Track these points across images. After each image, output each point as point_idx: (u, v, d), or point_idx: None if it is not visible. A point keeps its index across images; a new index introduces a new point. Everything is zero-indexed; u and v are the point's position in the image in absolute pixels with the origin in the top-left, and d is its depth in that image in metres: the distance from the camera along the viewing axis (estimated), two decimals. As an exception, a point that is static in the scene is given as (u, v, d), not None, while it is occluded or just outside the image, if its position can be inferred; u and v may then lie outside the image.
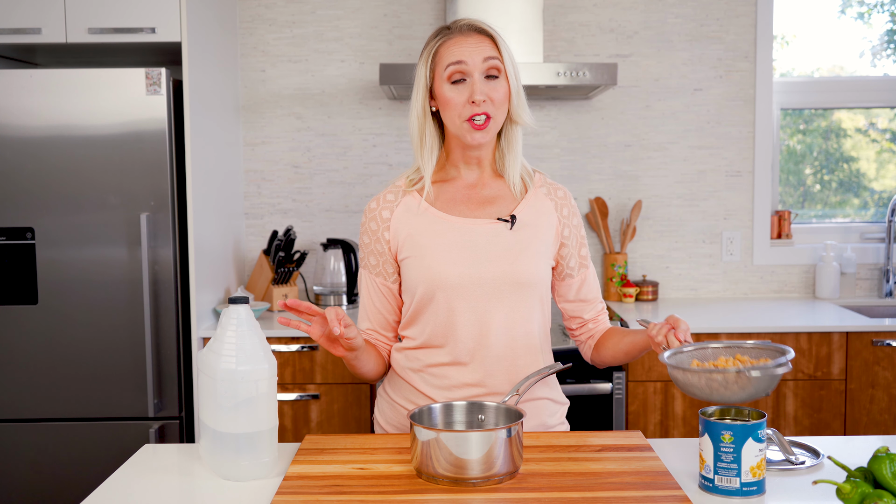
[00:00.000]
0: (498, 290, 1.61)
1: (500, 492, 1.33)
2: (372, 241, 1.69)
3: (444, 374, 1.65)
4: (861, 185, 3.56)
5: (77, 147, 2.65)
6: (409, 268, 1.64)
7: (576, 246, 1.71)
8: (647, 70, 3.34)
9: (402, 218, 1.66)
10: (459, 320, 1.61)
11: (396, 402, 1.71)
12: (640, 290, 3.28)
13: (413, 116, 1.64)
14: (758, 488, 1.33)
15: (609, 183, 3.37)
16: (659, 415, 2.80)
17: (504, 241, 1.62)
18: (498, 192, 1.68)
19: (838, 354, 2.80)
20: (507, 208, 1.66)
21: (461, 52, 1.58)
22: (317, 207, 3.38)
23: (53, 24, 2.69)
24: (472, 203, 1.66)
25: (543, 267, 1.65)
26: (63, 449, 2.71)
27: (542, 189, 1.70)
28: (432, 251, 1.61)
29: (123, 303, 2.68)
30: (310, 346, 2.78)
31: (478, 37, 1.60)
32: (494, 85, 1.59)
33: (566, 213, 1.70)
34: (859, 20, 3.55)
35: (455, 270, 1.60)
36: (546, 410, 1.72)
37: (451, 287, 1.60)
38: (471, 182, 1.68)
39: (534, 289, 1.63)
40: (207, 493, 1.40)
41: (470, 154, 1.66)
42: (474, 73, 1.58)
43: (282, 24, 3.32)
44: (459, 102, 1.58)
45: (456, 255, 1.61)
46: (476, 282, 1.60)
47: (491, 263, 1.61)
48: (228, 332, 1.43)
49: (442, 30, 1.64)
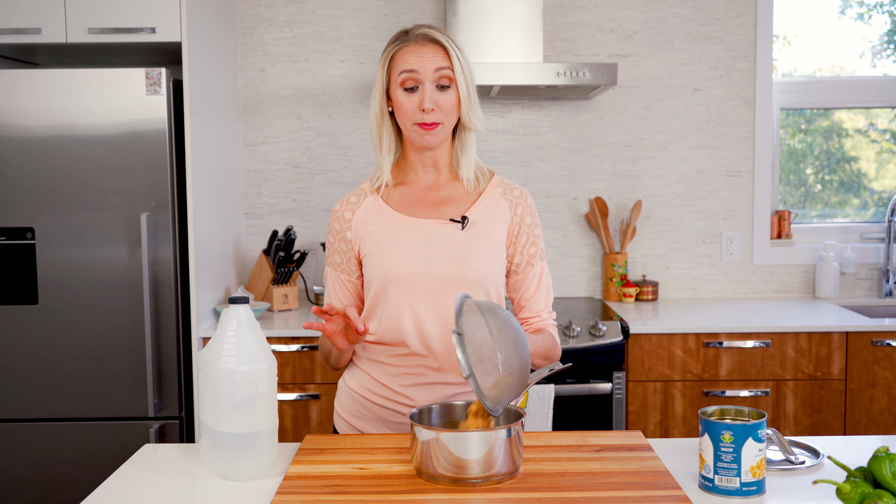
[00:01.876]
0: (445, 287, 1.67)
1: (499, 492, 1.33)
2: (336, 240, 1.77)
3: (396, 362, 1.71)
4: (861, 185, 3.56)
5: (77, 147, 2.65)
6: (366, 265, 1.73)
7: (524, 245, 1.75)
8: (647, 70, 3.34)
9: (362, 219, 1.74)
10: (409, 314, 1.68)
11: (353, 391, 1.78)
12: (640, 290, 3.28)
13: (371, 115, 1.74)
14: (758, 488, 1.33)
15: (609, 183, 3.37)
16: (659, 415, 2.80)
17: (455, 241, 1.69)
18: (453, 194, 1.75)
19: (838, 354, 2.80)
20: (461, 209, 1.73)
21: (414, 61, 1.66)
22: (317, 207, 3.38)
23: (53, 24, 2.69)
24: (427, 204, 1.74)
25: (492, 265, 1.71)
26: (63, 449, 2.71)
27: (498, 189, 1.76)
28: (386, 248, 1.70)
29: (123, 303, 2.68)
30: (310, 347, 2.78)
31: (432, 46, 1.67)
32: (445, 94, 1.67)
33: (520, 211, 1.75)
34: (859, 20, 3.55)
35: (406, 267, 1.68)
36: None
37: (402, 282, 1.68)
38: (428, 184, 1.76)
39: (481, 286, 1.68)
40: (207, 493, 1.40)
41: (425, 156, 1.74)
42: (426, 81, 1.66)
43: (282, 24, 3.32)
44: (410, 108, 1.67)
45: (408, 252, 1.68)
46: (425, 278, 1.67)
47: (440, 261, 1.68)
48: (228, 332, 1.44)
49: (400, 35, 1.71)
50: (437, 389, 1.70)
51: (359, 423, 1.77)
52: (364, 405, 1.75)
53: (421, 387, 1.70)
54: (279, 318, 2.98)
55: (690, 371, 2.80)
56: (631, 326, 2.78)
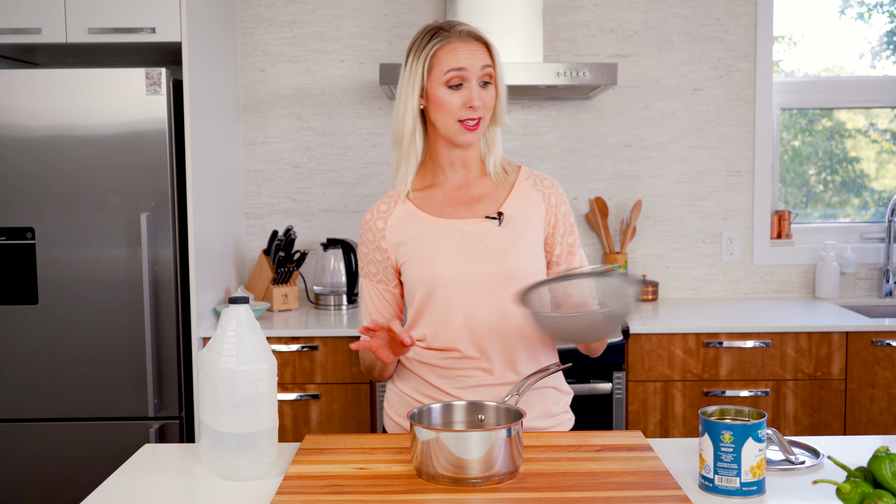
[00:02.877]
0: (492, 286, 1.66)
1: (499, 492, 1.33)
2: (370, 250, 1.75)
3: (450, 365, 1.69)
4: (863, 185, 3.56)
5: (77, 147, 2.65)
6: (407, 272, 1.71)
7: (563, 234, 1.75)
8: (647, 70, 3.34)
9: (395, 226, 1.72)
10: (458, 316, 1.66)
11: (406, 394, 1.76)
12: (640, 290, 3.27)
13: (403, 115, 1.69)
14: (758, 488, 1.33)
15: (609, 183, 3.37)
16: (659, 415, 2.80)
17: (494, 238, 1.68)
18: (485, 191, 1.73)
19: (838, 354, 2.80)
20: (494, 206, 1.71)
21: (464, 59, 1.64)
22: (317, 207, 3.38)
23: (53, 24, 2.69)
24: (460, 204, 1.72)
25: (534, 259, 1.70)
26: (63, 449, 2.71)
27: (529, 181, 1.75)
28: (427, 254, 1.68)
29: (123, 303, 2.68)
30: (309, 346, 2.78)
31: (476, 44, 1.67)
32: (487, 91, 1.67)
33: (553, 201, 1.74)
34: (859, 20, 3.55)
35: (450, 269, 1.66)
36: (550, 399, 1.75)
37: (448, 285, 1.66)
38: (458, 184, 1.74)
39: (526, 281, 1.66)
40: (207, 493, 1.40)
41: (455, 155, 1.72)
42: (472, 79, 1.65)
43: (282, 24, 3.32)
44: (455, 105, 1.65)
45: (449, 255, 1.67)
46: (470, 279, 1.66)
47: (483, 260, 1.66)
48: (228, 332, 1.44)
49: (437, 31, 1.67)
50: (491, 391, 1.67)
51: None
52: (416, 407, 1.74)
53: (474, 389, 1.68)
54: (279, 318, 2.98)
55: (690, 371, 2.80)
56: (631, 326, 2.78)
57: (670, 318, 2.95)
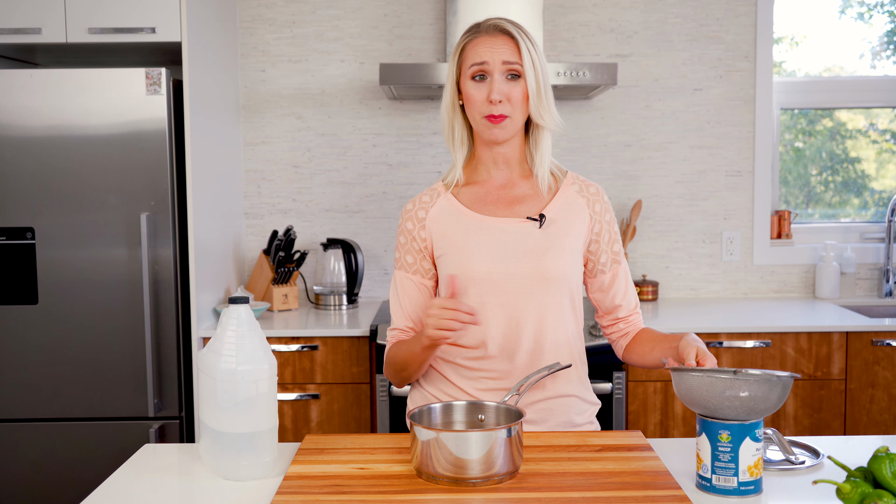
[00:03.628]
0: (527, 286, 1.65)
1: (499, 492, 1.33)
2: (408, 240, 1.74)
3: (474, 366, 1.69)
4: (863, 185, 3.56)
5: (77, 147, 2.65)
6: (443, 265, 1.70)
7: (608, 242, 1.74)
8: (647, 70, 3.34)
9: (436, 218, 1.72)
10: (490, 315, 1.65)
11: (429, 393, 1.75)
12: (641, 290, 3.28)
13: (442, 109, 1.71)
14: (755, 487, 1.33)
15: (609, 183, 3.37)
16: (659, 415, 2.80)
17: (533, 239, 1.67)
18: (528, 192, 1.72)
19: (838, 354, 2.80)
20: (536, 207, 1.70)
21: (484, 52, 1.64)
22: (317, 207, 3.38)
23: (53, 24, 2.69)
24: (502, 203, 1.71)
25: (572, 264, 1.68)
26: (63, 449, 2.72)
27: (574, 186, 1.74)
28: (463, 249, 1.67)
29: (123, 303, 2.68)
30: (309, 346, 2.78)
31: (503, 38, 1.65)
32: (514, 85, 1.64)
33: (598, 209, 1.73)
34: (859, 20, 3.55)
35: (485, 267, 1.65)
36: (574, 408, 1.73)
37: (482, 282, 1.65)
38: (501, 182, 1.73)
39: (562, 285, 1.66)
40: (207, 493, 1.40)
41: (495, 152, 1.70)
42: (494, 72, 1.63)
43: (282, 24, 3.32)
44: (479, 99, 1.64)
45: (486, 252, 1.66)
46: (505, 278, 1.65)
47: (519, 260, 1.65)
48: (228, 332, 1.44)
49: (472, 28, 1.69)
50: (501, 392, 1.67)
51: None
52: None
53: (497, 392, 1.67)
54: (279, 318, 2.98)
55: (690, 371, 2.79)
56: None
57: (670, 318, 2.95)
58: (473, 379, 1.69)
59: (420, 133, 3.35)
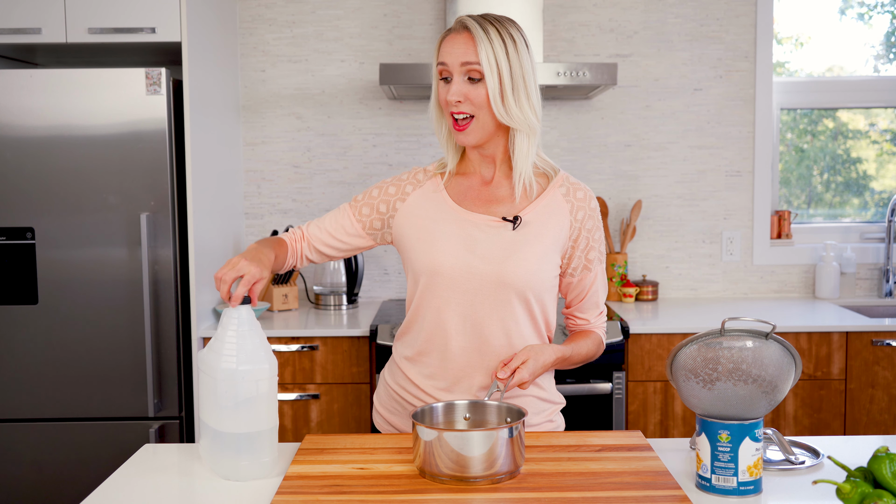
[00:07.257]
0: (484, 287, 1.62)
1: (500, 491, 1.33)
2: (381, 194, 1.73)
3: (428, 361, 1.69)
4: (864, 185, 3.56)
5: (77, 147, 2.65)
6: (410, 250, 1.68)
7: (584, 249, 1.68)
8: (647, 70, 3.34)
9: (418, 198, 1.71)
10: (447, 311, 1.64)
11: (390, 387, 1.77)
12: (640, 290, 3.28)
13: (430, 107, 1.69)
14: (755, 487, 1.33)
15: (609, 183, 3.37)
16: (659, 415, 2.80)
17: (501, 241, 1.63)
18: (510, 192, 1.68)
19: (838, 354, 2.80)
20: (516, 208, 1.66)
21: (445, 53, 1.60)
22: (317, 207, 3.38)
23: (53, 24, 2.69)
24: (482, 200, 1.69)
25: (537, 270, 1.63)
26: (63, 449, 2.71)
27: (561, 189, 1.68)
28: (431, 236, 1.66)
29: (123, 303, 2.68)
30: (309, 346, 2.78)
31: (465, 35, 1.59)
32: (475, 86, 1.58)
33: (580, 216, 1.67)
34: (860, 21, 3.55)
35: (448, 260, 1.63)
36: (531, 408, 1.70)
37: (444, 276, 1.63)
38: (486, 178, 1.70)
39: (519, 290, 1.62)
40: (207, 493, 1.40)
41: (478, 151, 1.69)
42: (454, 73, 1.60)
43: (282, 24, 3.32)
44: (442, 100, 1.63)
45: (452, 245, 1.64)
46: (465, 275, 1.62)
47: (483, 259, 1.62)
48: (229, 332, 1.44)
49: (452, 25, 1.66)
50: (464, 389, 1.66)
51: (394, 418, 1.76)
52: (399, 402, 1.74)
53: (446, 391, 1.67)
54: (279, 318, 2.98)
55: (690, 371, 2.79)
56: (631, 326, 2.78)
57: (670, 318, 2.95)
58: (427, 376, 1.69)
59: (420, 133, 3.35)
